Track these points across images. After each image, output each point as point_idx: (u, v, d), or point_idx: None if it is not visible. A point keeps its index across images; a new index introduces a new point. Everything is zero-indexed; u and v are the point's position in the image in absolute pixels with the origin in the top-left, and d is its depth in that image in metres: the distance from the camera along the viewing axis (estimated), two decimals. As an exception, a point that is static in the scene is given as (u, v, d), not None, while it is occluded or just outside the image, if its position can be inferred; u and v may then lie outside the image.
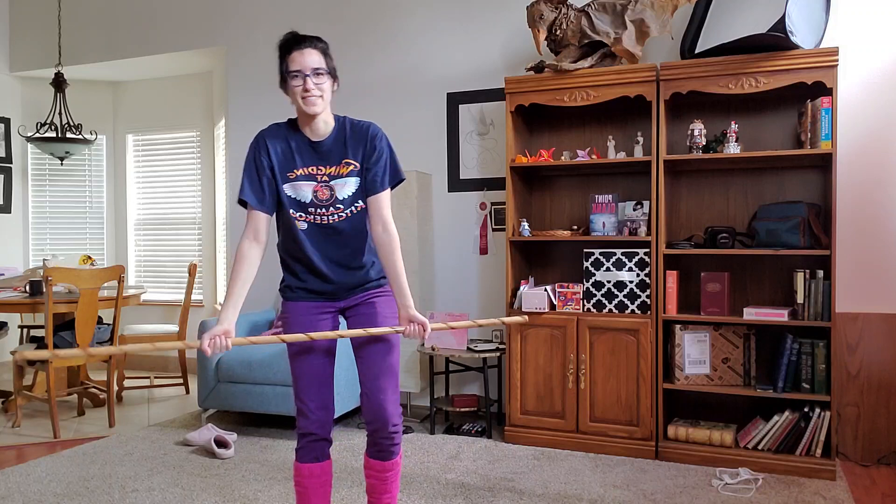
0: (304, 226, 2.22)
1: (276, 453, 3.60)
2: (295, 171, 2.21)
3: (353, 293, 2.31)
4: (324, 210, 2.21)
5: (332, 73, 2.21)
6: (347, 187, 2.22)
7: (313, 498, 2.30)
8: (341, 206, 2.21)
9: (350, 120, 2.27)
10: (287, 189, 2.21)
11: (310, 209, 2.21)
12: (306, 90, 2.14)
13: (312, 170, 2.21)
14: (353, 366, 3.96)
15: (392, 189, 2.29)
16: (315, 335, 2.16)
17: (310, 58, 2.16)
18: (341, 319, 2.39)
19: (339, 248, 2.25)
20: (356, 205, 2.23)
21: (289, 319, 2.30)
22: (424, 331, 2.19)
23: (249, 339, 2.19)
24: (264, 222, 2.22)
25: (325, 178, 2.21)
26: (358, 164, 2.23)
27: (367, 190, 2.24)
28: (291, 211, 2.22)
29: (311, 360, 2.27)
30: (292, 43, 2.18)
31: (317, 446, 2.29)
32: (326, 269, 2.25)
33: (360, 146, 2.23)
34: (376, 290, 2.33)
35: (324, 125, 2.22)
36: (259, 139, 2.24)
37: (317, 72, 2.15)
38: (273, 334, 4.26)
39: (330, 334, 2.17)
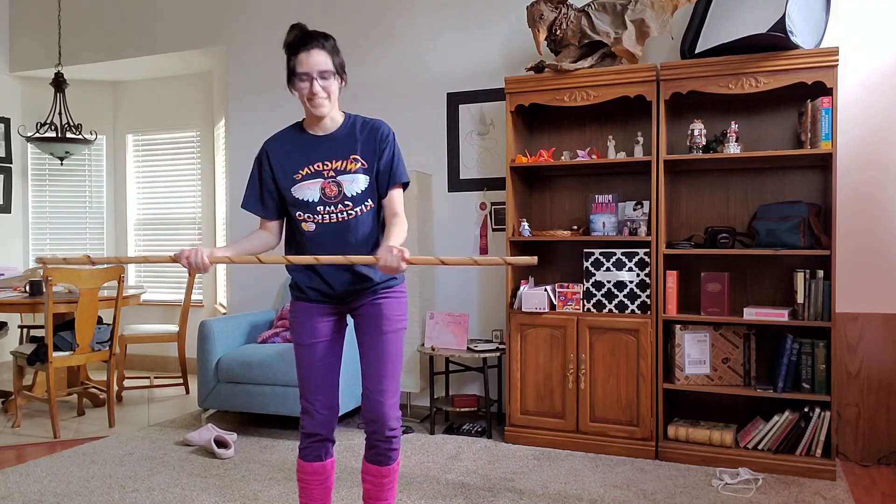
0: (312, 227, 2.20)
1: (276, 453, 3.60)
2: (300, 171, 2.19)
3: (361, 295, 2.28)
4: (332, 208, 2.18)
5: (340, 71, 2.18)
6: (356, 184, 2.19)
7: (314, 493, 2.35)
8: (350, 204, 2.18)
9: (359, 117, 2.27)
10: (294, 192, 2.19)
11: (318, 208, 2.18)
12: (313, 93, 2.13)
13: (318, 166, 2.19)
14: (352, 365, 3.96)
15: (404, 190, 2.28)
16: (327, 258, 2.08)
17: (316, 59, 2.12)
18: (349, 319, 2.37)
19: (347, 251, 2.19)
20: (366, 203, 2.20)
21: (296, 319, 2.29)
22: (403, 257, 1.95)
23: (228, 256, 2.13)
24: (273, 225, 2.29)
25: (332, 173, 2.18)
26: (366, 163, 2.20)
27: (379, 190, 2.22)
28: (299, 214, 2.20)
29: (318, 358, 2.27)
30: (299, 44, 2.14)
31: (320, 446, 2.32)
32: (334, 275, 2.22)
33: (371, 144, 2.21)
34: (384, 290, 2.29)
35: (331, 122, 2.22)
36: (261, 149, 2.26)
37: (323, 74, 2.13)
38: (275, 333, 4.27)
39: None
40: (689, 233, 3.77)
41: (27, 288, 4.36)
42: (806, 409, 3.30)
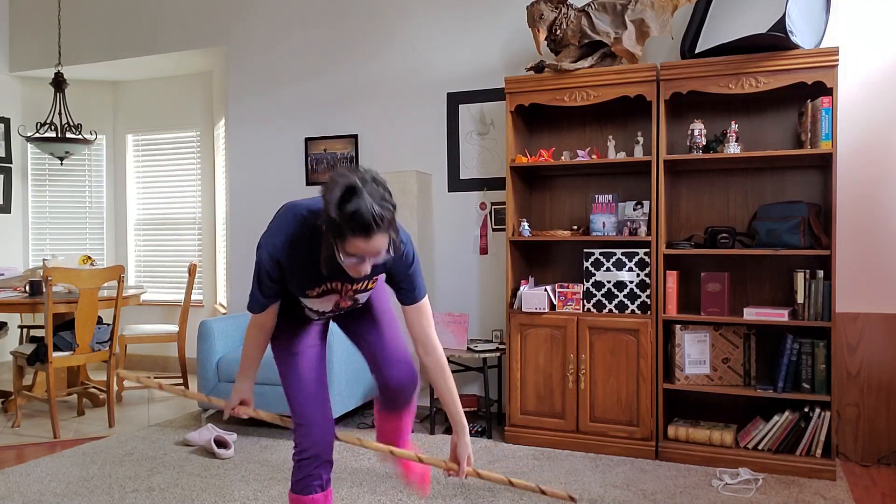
0: (315, 317, 2.15)
1: (276, 453, 3.60)
2: (315, 288, 1.98)
3: None
4: (341, 312, 2.15)
5: (395, 244, 1.85)
6: (367, 294, 2.12)
7: None
8: (357, 305, 2.15)
9: None
10: (304, 301, 2.04)
11: (326, 314, 2.12)
12: (359, 272, 1.83)
13: (337, 285, 2.00)
14: (351, 365, 3.96)
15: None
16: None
17: (378, 245, 1.77)
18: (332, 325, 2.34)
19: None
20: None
21: (280, 331, 2.15)
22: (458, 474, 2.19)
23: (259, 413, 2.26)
24: (274, 311, 2.08)
25: (352, 292, 2.06)
26: (384, 275, 2.07)
27: (403, 299, 2.08)
28: (303, 306, 2.08)
29: (313, 365, 2.14)
30: (359, 228, 1.72)
31: (321, 472, 2.10)
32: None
33: (391, 266, 2.01)
34: None
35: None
36: (272, 251, 1.91)
37: (378, 255, 1.81)
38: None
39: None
40: (689, 233, 3.77)
41: (27, 288, 4.36)
42: (806, 409, 3.30)
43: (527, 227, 3.80)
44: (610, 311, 3.60)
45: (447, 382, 2.11)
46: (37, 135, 5.23)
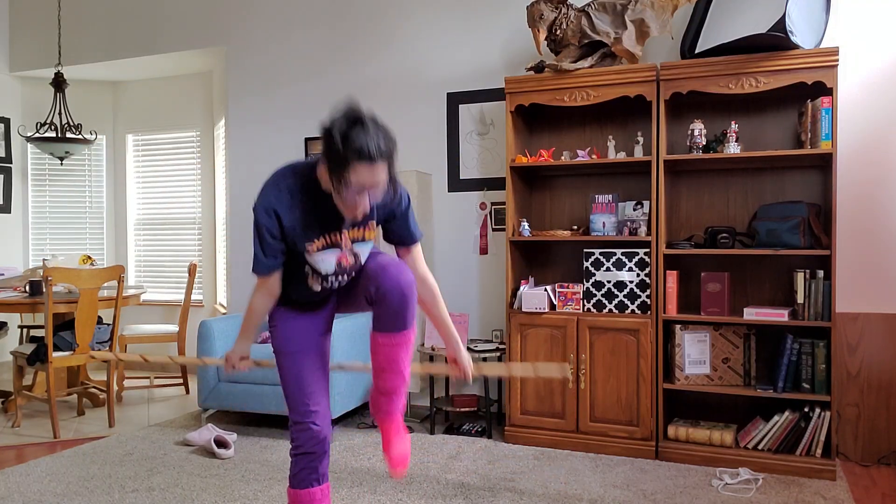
0: (318, 288, 2.08)
1: (276, 453, 3.60)
2: (315, 241, 1.97)
3: None
4: (344, 276, 2.07)
5: (394, 179, 1.90)
6: (366, 249, 2.09)
7: None
8: (358, 265, 2.08)
9: None
10: (306, 258, 2.00)
11: (329, 277, 2.05)
12: (361, 207, 1.87)
13: (335, 237, 1.99)
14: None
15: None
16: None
17: (380, 176, 1.82)
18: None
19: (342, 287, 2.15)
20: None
21: (276, 328, 2.14)
22: (465, 375, 2.21)
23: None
24: (278, 276, 2.06)
25: (349, 243, 2.03)
26: (380, 227, 2.10)
27: (396, 243, 2.15)
28: (307, 268, 2.04)
29: (308, 361, 2.11)
30: (364, 155, 1.77)
31: (319, 464, 2.11)
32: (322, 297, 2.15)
33: (387, 208, 2.06)
34: None
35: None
36: (268, 205, 1.92)
37: (379, 188, 1.86)
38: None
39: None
40: (689, 233, 3.77)
41: (27, 288, 4.36)
42: (806, 409, 3.30)
43: (527, 227, 3.80)
44: (610, 311, 3.60)
45: (441, 309, 2.21)
46: (37, 135, 5.23)
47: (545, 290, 3.69)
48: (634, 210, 3.67)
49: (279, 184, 1.94)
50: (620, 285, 3.58)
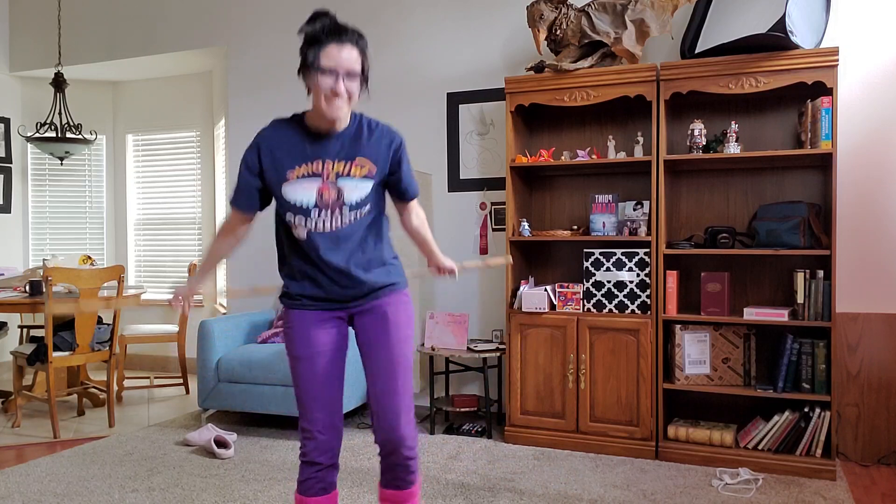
0: (304, 235, 1.99)
1: (276, 453, 3.60)
2: (297, 167, 1.97)
3: (363, 300, 2.09)
4: (327, 214, 1.97)
5: (366, 77, 1.98)
6: (358, 191, 1.99)
7: None
8: (347, 211, 1.99)
9: (365, 116, 2.08)
10: (286, 191, 1.97)
11: (311, 213, 1.97)
12: (336, 93, 1.89)
13: (317, 166, 1.97)
14: (351, 365, 3.95)
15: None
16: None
17: (349, 55, 1.89)
18: (350, 332, 2.18)
19: (343, 258, 2.01)
20: (363, 209, 2.02)
21: (291, 328, 2.08)
22: (453, 274, 2.31)
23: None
24: (251, 218, 2.14)
25: (333, 175, 1.97)
26: (374, 168, 2.02)
27: (398, 198, 2.18)
28: (288, 216, 1.99)
29: (318, 370, 2.05)
30: (330, 34, 1.88)
31: (325, 475, 2.06)
32: (329, 281, 2.03)
33: (382, 151, 2.04)
34: (388, 294, 2.10)
35: (339, 121, 1.98)
36: (254, 141, 2.04)
37: (351, 75, 1.91)
38: (275, 333, 4.27)
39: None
40: (689, 233, 3.77)
41: (27, 288, 4.36)
42: (806, 409, 3.30)
43: (527, 227, 3.80)
44: (610, 310, 3.60)
45: (426, 232, 2.31)
46: (37, 135, 5.23)
47: (545, 290, 3.69)
48: (634, 210, 3.67)
49: (271, 124, 2.07)
50: (620, 285, 3.58)
